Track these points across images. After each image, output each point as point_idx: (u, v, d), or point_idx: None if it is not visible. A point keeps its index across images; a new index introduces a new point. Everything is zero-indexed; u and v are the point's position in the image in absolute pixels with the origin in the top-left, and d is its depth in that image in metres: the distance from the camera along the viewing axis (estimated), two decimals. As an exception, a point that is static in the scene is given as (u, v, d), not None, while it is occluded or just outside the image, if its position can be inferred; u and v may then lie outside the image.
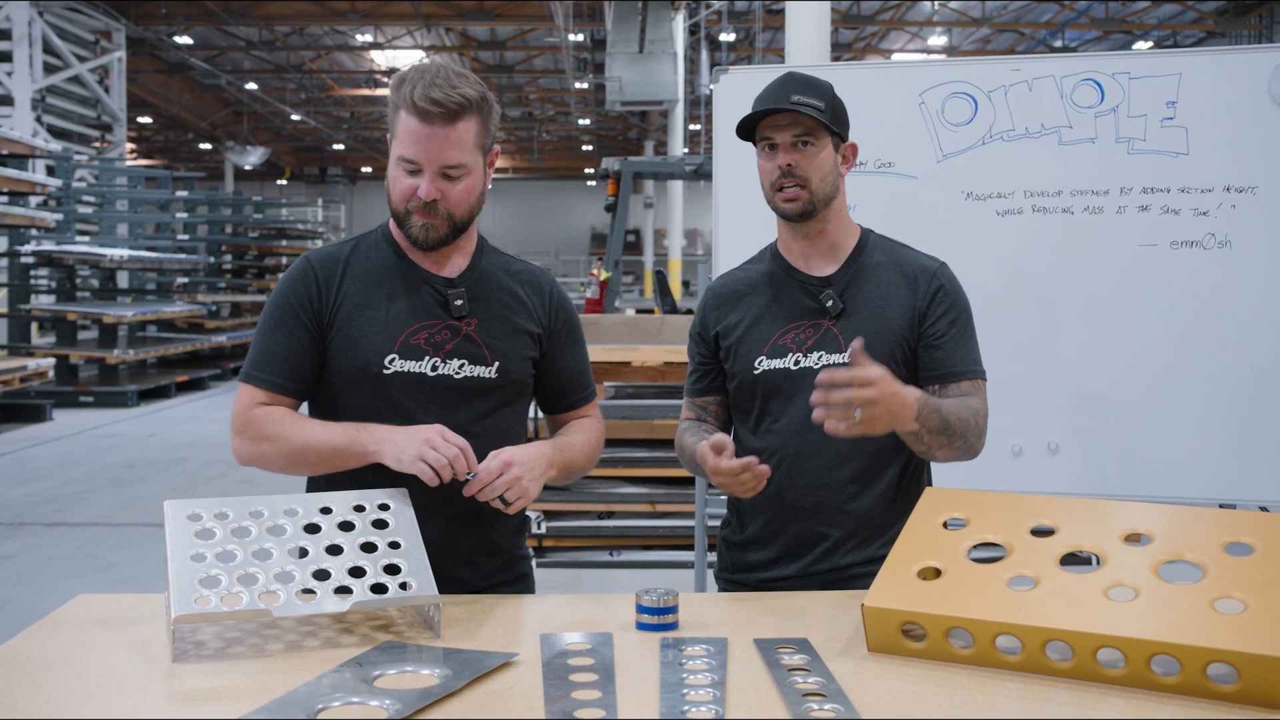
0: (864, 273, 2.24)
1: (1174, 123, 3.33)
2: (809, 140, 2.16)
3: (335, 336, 2.07)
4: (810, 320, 2.23)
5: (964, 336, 2.23)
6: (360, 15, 20.86)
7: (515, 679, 1.56)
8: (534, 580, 2.28)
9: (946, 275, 2.26)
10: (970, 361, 2.22)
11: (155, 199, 15.72)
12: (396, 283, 2.10)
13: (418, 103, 1.96)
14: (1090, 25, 20.55)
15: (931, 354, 2.20)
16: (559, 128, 32.83)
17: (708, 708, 1.44)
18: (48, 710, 1.44)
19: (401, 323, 2.07)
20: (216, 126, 29.87)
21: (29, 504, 7.42)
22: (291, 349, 2.06)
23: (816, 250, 2.26)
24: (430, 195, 2.00)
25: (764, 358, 2.23)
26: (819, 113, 2.14)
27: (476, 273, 2.14)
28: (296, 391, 2.07)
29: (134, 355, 12.60)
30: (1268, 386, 3.30)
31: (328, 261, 2.12)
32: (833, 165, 2.20)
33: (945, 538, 1.78)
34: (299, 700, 1.45)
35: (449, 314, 2.09)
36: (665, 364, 5.76)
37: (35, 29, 15.39)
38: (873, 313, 2.21)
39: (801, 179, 2.17)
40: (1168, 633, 1.49)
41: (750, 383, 2.25)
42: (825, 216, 2.23)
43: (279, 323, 2.08)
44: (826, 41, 6.66)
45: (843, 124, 2.22)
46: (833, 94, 2.20)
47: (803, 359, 2.20)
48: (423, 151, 1.98)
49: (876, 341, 2.17)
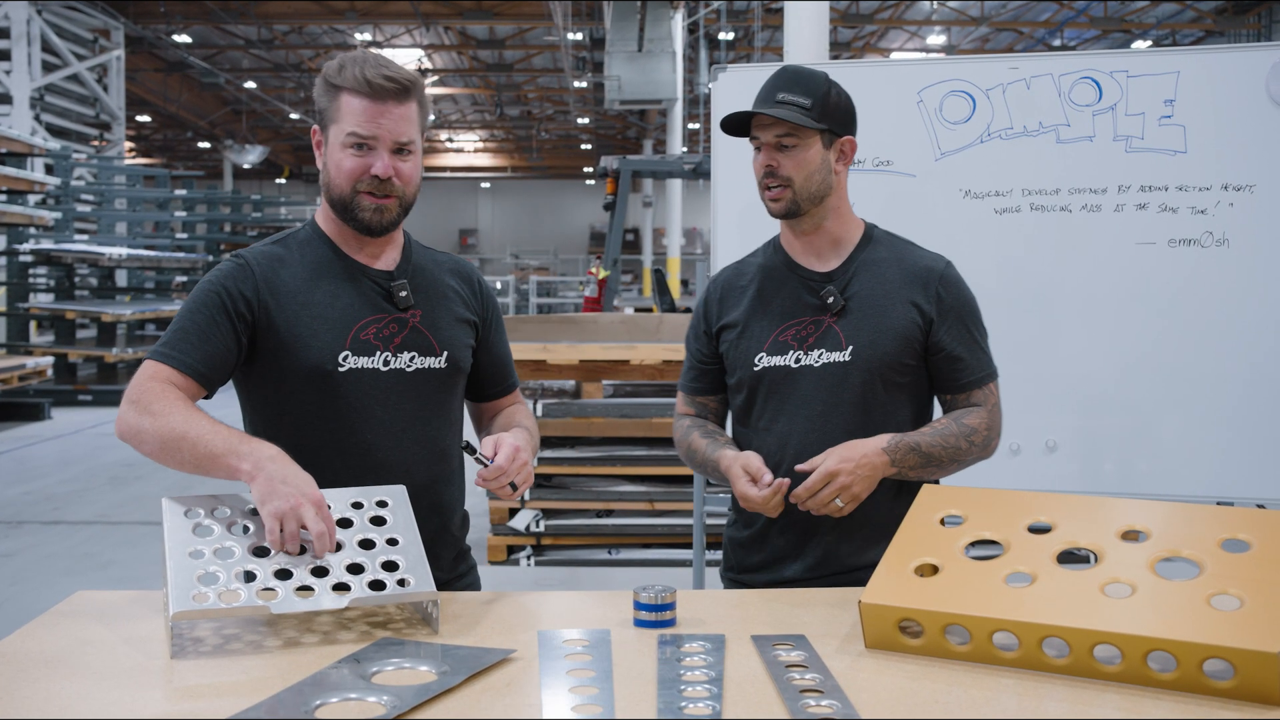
0: (866, 269, 2.22)
1: (1172, 121, 3.33)
2: (791, 140, 2.14)
3: (282, 337, 2.01)
4: (811, 316, 2.21)
5: (972, 340, 2.22)
6: (359, 14, 20.87)
7: (513, 675, 1.56)
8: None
9: (952, 276, 2.24)
10: (980, 367, 2.22)
11: (154, 197, 15.72)
12: (337, 278, 2.07)
13: (371, 80, 1.97)
14: (1089, 24, 20.57)
15: (941, 366, 2.20)
16: (558, 126, 32.82)
17: (705, 704, 1.44)
18: (46, 707, 1.45)
19: (349, 318, 2.04)
20: (215, 125, 29.86)
21: (27, 502, 7.42)
22: (211, 335, 1.97)
23: (816, 246, 2.25)
24: (386, 172, 1.99)
25: (764, 354, 2.22)
26: (803, 112, 2.12)
27: (411, 264, 2.15)
28: (207, 380, 1.96)
29: (132, 354, 12.59)
30: (1266, 384, 3.31)
31: (263, 259, 2.06)
32: (821, 163, 2.17)
33: (942, 535, 1.78)
34: (296, 696, 1.45)
35: (394, 306, 2.08)
36: (664, 362, 5.76)
37: (34, 27, 15.39)
38: (875, 310, 2.19)
39: (784, 179, 2.16)
40: (1164, 629, 1.49)
41: (750, 379, 2.24)
42: (820, 213, 2.21)
43: (202, 309, 1.99)
44: (825, 40, 6.67)
45: (836, 118, 2.17)
46: (826, 88, 2.16)
47: (803, 356, 2.19)
48: (378, 127, 1.98)
49: (878, 340, 2.16)
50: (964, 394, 2.21)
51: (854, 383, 2.17)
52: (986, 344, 2.25)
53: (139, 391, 1.90)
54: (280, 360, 2.01)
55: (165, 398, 1.88)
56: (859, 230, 2.27)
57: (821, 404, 2.18)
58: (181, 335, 1.97)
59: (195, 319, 1.98)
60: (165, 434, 1.84)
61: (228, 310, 1.99)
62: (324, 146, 2.05)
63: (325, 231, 2.11)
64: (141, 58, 23.00)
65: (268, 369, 2.03)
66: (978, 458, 2.18)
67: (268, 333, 2.01)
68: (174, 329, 1.99)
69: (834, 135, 2.18)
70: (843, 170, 2.22)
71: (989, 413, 2.20)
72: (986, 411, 2.19)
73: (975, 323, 2.24)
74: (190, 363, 1.95)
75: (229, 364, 2.00)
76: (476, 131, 35.20)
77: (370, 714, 1.41)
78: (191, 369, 1.95)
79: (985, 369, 2.22)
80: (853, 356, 2.17)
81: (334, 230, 2.10)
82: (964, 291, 2.24)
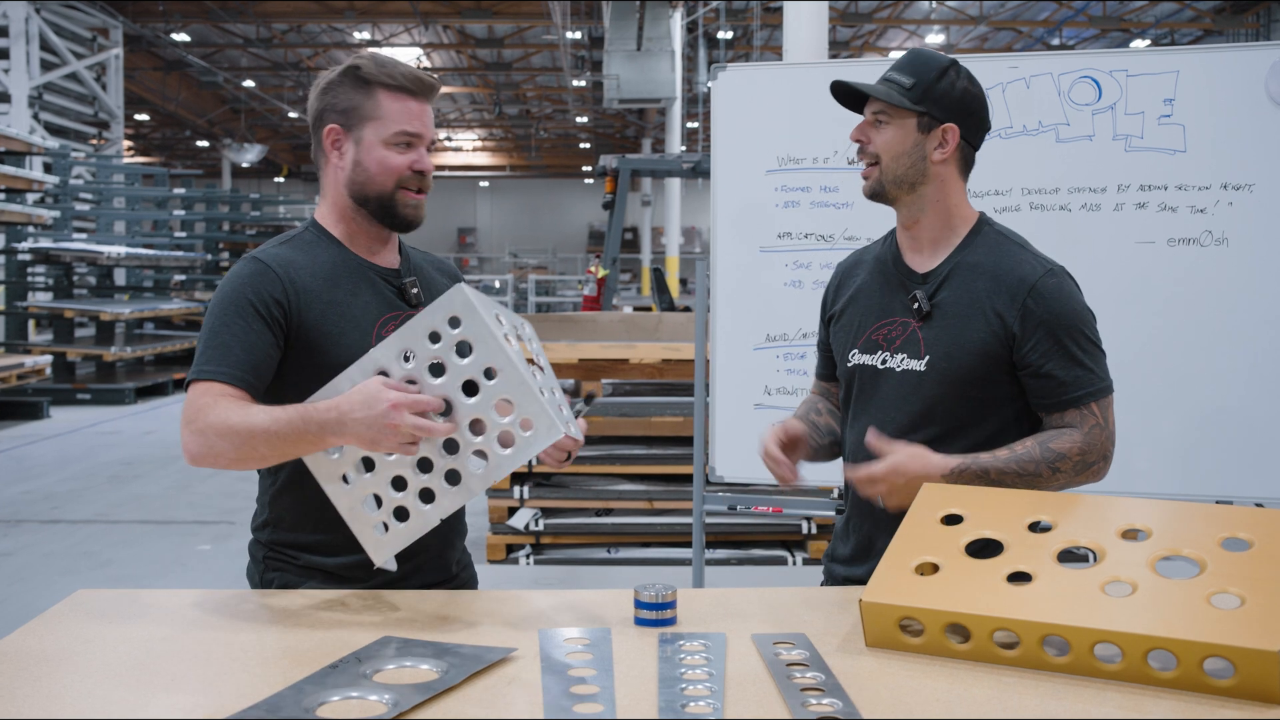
0: (960, 273, 2.10)
1: (1171, 120, 3.33)
2: (885, 116, 2.08)
3: (309, 335, 2.00)
4: (901, 318, 2.14)
5: (1067, 356, 2.04)
6: (358, 13, 20.87)
7: (514, 674, 1.56)
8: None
9: (1048, 286, 2.05)
10: (1076, 385, 2.04)
11: (152, 196, 15.70)
12: (352, 276, 2.08)
13: (407, 80, 2.03)
14: (1088, 23, 20.59)
15: (1030, 384, 2.06)
16: (556, 125, 32.84)
17: (706, 703, 1.44)
18: (48, 706, 1.44)
19: (371, 316, 2.06)
20: (214, 124, 29.87)
21: (26, 501, 7.42)
22: (251, 343, 1.95)
23: (918, 241, 2.15)
24: (431, 167, 2.08)
25: (857, 350, 2.18)
26: (901, 91, 2.05)
27: (410, 263, 2.19)
28: (254, 387, 1.94)
29: (131, 353, 12.59)
30: (1264, 383, 3.31)
31: (280, 259, 2.04)
32: (912, 146, 2.07)
33: (943, 533, 1.78)
34: (297, 695, 1.45)
35: (406, 303, 2.11)
36: (663, 361, 5.77)
37: (32, 26, 15.39)
38: (957, 321, 2.07)
39: (872, 155, 2.11)
40: (1165, 628, 1.50)
41: (845, 373, 2.21)
42: (915, 204, 2.11)
43: (235, 317, 1.96)
44: (824, 39, 6.67)
45: (942, 104, 2.06)
46: (940, 73, 2.06)
47: (889, 358, 2.13)
48: (423, 125, 2.06)
49: (954, 353, 2.06)
50: (1057, 413, 2.05)
51: (926, 394, 2.08)
52: (1094, 359, 2.07)
53: (192, 413, 1.88)
54: (313, 358, 2.00)
55: (217, 408, 1.87)
56: (967, 226, 2.14)
57: (895, 409, 2.11)
58: (220, 348, 1.94)
59: (231, 328, 1.95)
60: (235, 440, 1.84)
61: (261, 314, 1.97)
62: (350, 145, 2.05)
63: (331, 232, 2.11)
64: (140, 56, 22.99)
65: (299, 367, 2.01)
66: (1068, 483, 2.03)
67: (299, 332, 2.01)
68: (209, 343, 1.95)
69: (934, 121, 2.07)
70: (944, 160, 2.08)
71: (1085, 435, 2.03)
72: (1082, 434, 2.03)
73: (1074, 336, 2.05)
74: (235, 373, 1.92)
75: (272, 368, 1.99)
76: (475, 130, 35.23)
77: (372, 713, 1.41)
78: (239, 379, 1.92)
79: (1084, 387, 2.04)
80: (928, 367, 2.08)
81: (342, 230, 2.11)
82: (1061, 304, 2.05)
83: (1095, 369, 2.07)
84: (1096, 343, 2.09)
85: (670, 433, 5.86)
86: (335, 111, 2.06)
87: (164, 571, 5.78)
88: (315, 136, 2.11)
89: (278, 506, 2.10)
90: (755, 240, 3.69)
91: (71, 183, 13.60)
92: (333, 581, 2.04)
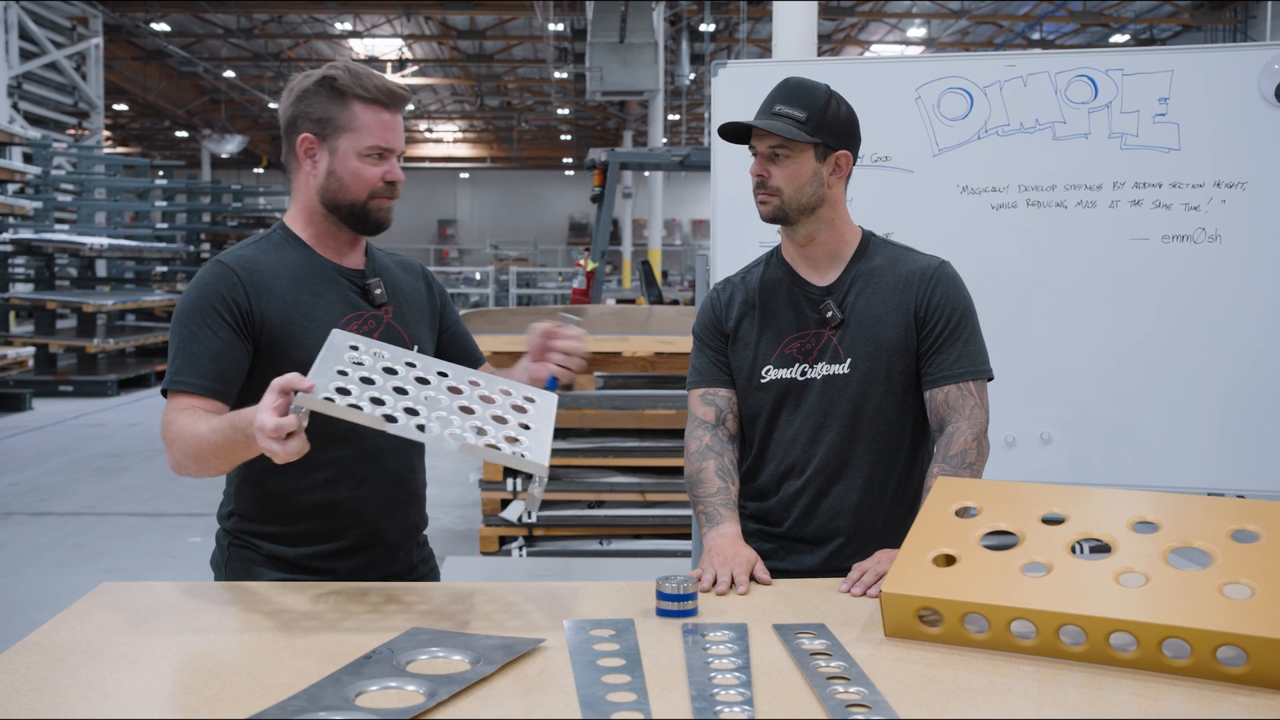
0: (862, 280, 2.26)
1: (1166, 119, 3.38)
2: (784, 151, 2.18)
3: (275, 338, 2.04)
4: (813, 330, 2.26)
5: (958, 339, 2.21)
6: (339, 3, 20.74)
7: (544, 664, 1.59)
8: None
9: (945, 275, 2.25)
10: (966, 363, 2.20)
11: (133, 187, 15.60)
12: (317, 278, 2.12)
13: (381, 93, 2.07)
14: (1068, 18, 20.68)
15: (926, 359, 2.23)
16: (538, 117, 32.74)
17: (737, 692, 1.48)
18: (88, 694, 1.47)
19: (334, 317, 2.08)
20: (193, 114, 29.64)
21: (13, 493, 7.39)
22: (217, 350, 1.99)
23: (814, 258, 2.29)
24: (400, 177, 2.12)
25: (771, 366, 2.27)
26: (797, 125, 2.15)
27: (376, 263, 2.22)
28: (223, 394, 1.98)
29: (113, 344, 12.53)
30: (1256, 378, 3.37)
31: (245, 262, 2.08)
32: (812, 175, 2.19)
33: (959, 526, 1.82)
34: (336, 686, 1.48)
35: (370, 304, 2.15)
36: (655, 354, 5.80)
37: (11, 14, 15.23)
38: (870, 322, 2.23)
39: (773, 189, 2.20)
40: (1178, 617, 1.54)
41: (759, 390, 2.29)
42: (812, 225, 2.24)
43: (201, 326, 2.00)
44: (814, 36, 6.69)
45: (833, 132, 2.19)
46: (825, 101, 2.18)
47: (809, 369, 2.25)
48: (394, 137, 2.11)
49: (873, 352, 2.22)
50: (940, 389, 2.20)
51: (852, 393, 2.23)
52: (980, 345, 2.24)
53: (164, 428, 1.95)
54: (277, 359, 2.02)
55: (177, 422, 1.92)
56: (856, 239, 2.30)
57: (823, 414, 2.24)
58: (188, 358, 1.98)
59: (198, 337, 1.99)
60: (190, 451, 1.89)
61: (226, 319, 2.01)
62: (324, 154, 2.08)
63: (300, 235, 2.16)
64: (119, 46, 22.80)
65: (265, 368, 2.02)
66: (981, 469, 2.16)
67: (263, 333, 2.04)
68: (178, 352, 2.00)
69: (829, 149, 2.20)
70: (837, 183, 2.24)
71: (969, 420, 2.16)
72: (966, 420, 2.16)
73: (967, 320, 2.23)
74: (204, 383, 1.97)
75: (242, 372, 2.03)
76: (456, 122, 35.08)
77: (409, 702, 1.44)
78: (206, 389, 1.97)
79: (965, 366, 2.20)
80: (851, 369, 2.23)
81: (310, 233, 2.15)
82: (958, 290, 2.25)
83: (980, 353, 2.24)
84: (979, 332, 2.26)
85: (663, 425, 5.89)
86: (309, 120, 2.08)
87: (155, 564, 5.77)
88: (288, 142, 2.13)
89: (240, 498, 2.16)
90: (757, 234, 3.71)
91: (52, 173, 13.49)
92: (294, 571, 2.12)
